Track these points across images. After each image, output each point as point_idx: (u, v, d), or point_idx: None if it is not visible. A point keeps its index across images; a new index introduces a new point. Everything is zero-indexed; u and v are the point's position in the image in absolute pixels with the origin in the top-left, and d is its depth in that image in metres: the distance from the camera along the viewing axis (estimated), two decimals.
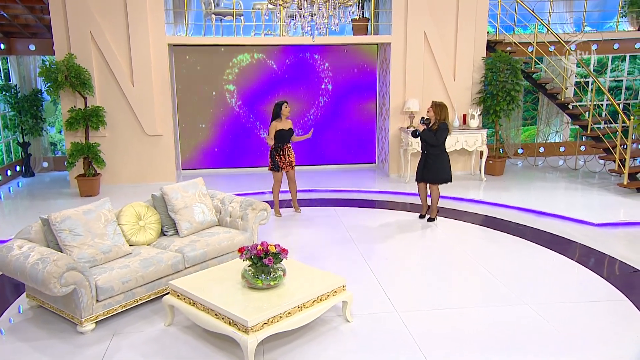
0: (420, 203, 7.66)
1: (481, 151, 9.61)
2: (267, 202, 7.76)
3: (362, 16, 9.96)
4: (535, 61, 9.74)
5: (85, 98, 8.67)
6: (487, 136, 9.62)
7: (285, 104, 7.44)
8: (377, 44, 10.25)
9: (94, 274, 4.38)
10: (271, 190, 7.88)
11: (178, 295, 4.31)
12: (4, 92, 9.77)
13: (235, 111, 10.44)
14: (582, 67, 9.63)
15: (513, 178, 9.82)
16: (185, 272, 4.99)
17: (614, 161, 8.72)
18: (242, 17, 9.87)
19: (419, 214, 7.61)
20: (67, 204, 8.24)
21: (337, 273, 5.45)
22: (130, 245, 5.07)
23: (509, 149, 11.48)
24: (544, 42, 9.76)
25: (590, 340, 4.22)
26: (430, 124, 7.06)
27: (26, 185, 9.83)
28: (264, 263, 4.14)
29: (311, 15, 4.78)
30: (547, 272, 5.62)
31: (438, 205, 7.45)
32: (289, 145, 7.60)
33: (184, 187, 5.65)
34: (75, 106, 8.72)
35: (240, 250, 4.24)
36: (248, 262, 4.29)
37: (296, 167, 10.55)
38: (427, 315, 4.66)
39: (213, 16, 9.68)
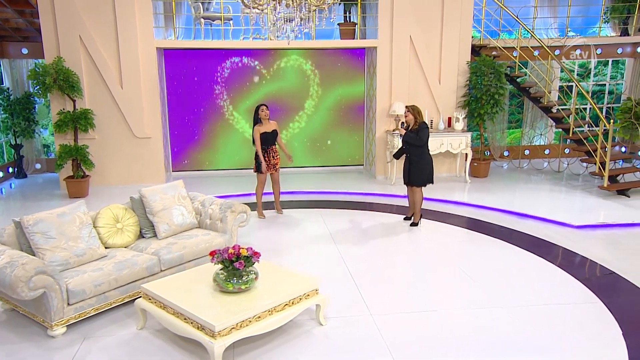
0: (407, 205, 7.50)
1: (466, 154, 9.47)
2: (254, 203, 7.68)
3: (349, 20, 9.83)
4: (519, 65, 9.62)
5: (74, 101, 8.52)
6: (471, 139, 9.47)
7: (263, 107, 7.30)
8: (364, 47, 10.10)
9: (65, 277, 4.23)
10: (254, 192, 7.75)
11: (150, 299, 4.16)
12: None
13: (225, 114, 10.29)
14: (565, 71, 9.50)
15: (498, 180, 9.68)
16: (162, 275, 4.84)
17: (596, 164, 8.59)
18: (231, 22, 9.74)
19: (404, 216, 7.46)
20: (55, 206, 8.06)
21: (315, 276, 5.33)
22: (107, 248, 4.93)
23: (494, 152, 11.36)
24: (527, 47, 9.65)
25: (561, 344, 4.07)
26: (410, 127, 6.90)
27: (18, 187, 9.67)
28: (235, 267, 4.00)
29: (284, 20, 4.66)
30: (524, 274, 5.48)
31: (421, 208, 7.31)
32: (275, 147, 7.45)
33: (164, 190, 5.50)
34: (64, 109, 8.56)
35: (212, 253, 4.10)
36: (220, 266, 4.14)
37: (285, 169, 10.46)
38: (401, 318, 4.52)
39: (202, 20, 9.55)
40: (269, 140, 7.34)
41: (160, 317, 4.01)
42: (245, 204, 5.91)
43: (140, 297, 4.31)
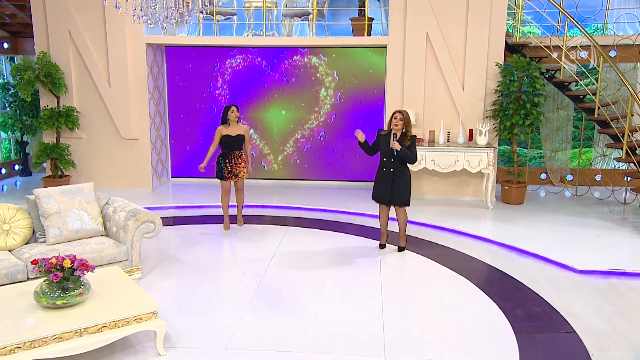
0: (380, 229, 7.11)
1: (488, 174, 8.71)
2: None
3: (362, 14, 9.57)
4: (565, 68, 8.70)
5: (58, 97, 9.17)
6: (498, 155, 8.70)
7: (233, 107, 7.35)
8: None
9: None
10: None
11: None
12: (4, 91, 10.63)
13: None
14: (618, 73, 8.42)
15: (531, 208, 8.76)
16: (29, 284, 5.00)
17: None
18: (235, 17, 9.93)
19: (379, 243, 7.06)
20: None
21: (212, 299, 5.36)
22: None
23: (553, 175, 10.34)
24: (576, 45, 8.72)
25: None
26: (397, 138, 6.51)
27: (21, 184, 10.57)
28: (50, 279, 4.03)
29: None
30: (458, 329, 4.88)
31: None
32: (239, 153, 7.47)
33: (62, 192, 5.71)
34: (47, 105, 9.26)
35: (34, 262, 4.17)
36: (44, 277, 4.19)
37: (297, 181, 10.35)
38: (257, 357, 4.25)
39: (200, 15, 9.82)
40: (231, 144, 7.38)
41: None
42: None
43: None
